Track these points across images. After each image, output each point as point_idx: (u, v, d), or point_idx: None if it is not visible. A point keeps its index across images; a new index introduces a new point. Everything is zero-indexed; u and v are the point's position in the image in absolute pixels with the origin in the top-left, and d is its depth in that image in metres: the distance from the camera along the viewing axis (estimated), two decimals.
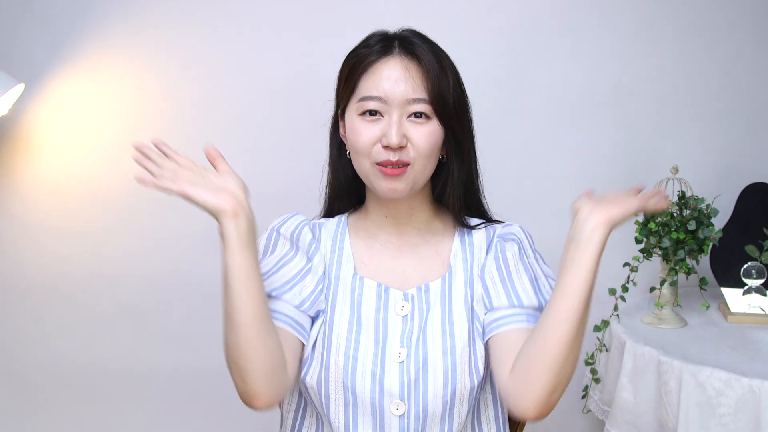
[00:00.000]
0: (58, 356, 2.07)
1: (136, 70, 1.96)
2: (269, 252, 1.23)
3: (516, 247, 1.22)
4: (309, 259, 1.21)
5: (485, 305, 1.19)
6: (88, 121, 1.98)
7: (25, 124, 1.96)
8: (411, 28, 1.21)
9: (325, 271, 1.22)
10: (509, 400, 1.12)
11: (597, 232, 1.05)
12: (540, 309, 1.17)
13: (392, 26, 1.22)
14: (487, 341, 1.17)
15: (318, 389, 1.17)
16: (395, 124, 1.13)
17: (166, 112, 1.99)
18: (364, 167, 1.17)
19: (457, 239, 1.25)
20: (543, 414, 1.09)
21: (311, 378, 1.18)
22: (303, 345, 1.18)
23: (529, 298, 1.18)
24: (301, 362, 1.18)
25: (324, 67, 1.93)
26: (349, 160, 1.21)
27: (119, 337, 2.08)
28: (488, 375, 1.22)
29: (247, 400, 1.10)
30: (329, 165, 1.28)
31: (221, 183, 1.07)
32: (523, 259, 1.22)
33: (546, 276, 1.23)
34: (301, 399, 1.26)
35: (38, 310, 2.05)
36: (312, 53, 1.97)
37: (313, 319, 1.20)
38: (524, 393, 1.08)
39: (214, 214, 1.04)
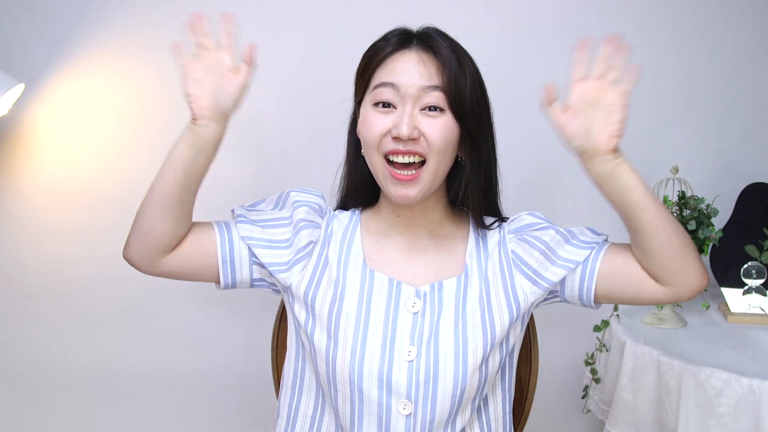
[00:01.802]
0: (58, 356, 2.07)
1: (136, 70, 1.96)
2: (277, 207, 1.24)
3: (552, 232, 1.22)
4: (294, 234, 1.21)
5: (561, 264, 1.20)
6: (88, 121, 1.98)
7: (25, 124, 1.96)
8: (433, 26, 1.19)
9: (319, 254, 1.22)
10: (672, 296, 1.16)
11: (610, 156, 1.11)
12: (605, 242, 1.21)
13: (393, 25, 1.21)
14: (597, 286, 1.19)
15: (328, 383, 1.17)
16: (407, 114, 1.11)
17: (166, 112, 1.98)
18: (375, 163, 1.16)
19: (472, 240, 1.24)
20: (706, 278, 1.16)
21: (322, 371, 1.17)
22: (219, 274, 1.21)
23: (597, 236, 1.22)
24: (201, 269, 1.20)
25: (329, 69, 1.95)
26: (365, 160, 1.20)
27: (119, 337, 2.08)
28: (498, 372, 1.22)
29: (126, 244, 1.19)
30: (345, 164, 1.27)
31: (220, 88, 1.12)
32: (560, 231, 1.22)
33: (575, 228, 1.25)
34: (294, 392, 1.25)
35: (38, 310, 2.05)
36: (315, 54, 1.97)
37: (254, 282, 1.23)
38: (682, 280, 1.13)
39: (189, 107, 1.12)
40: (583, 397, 1.93)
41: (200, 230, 1.20)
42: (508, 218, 1.28)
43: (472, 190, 1.20)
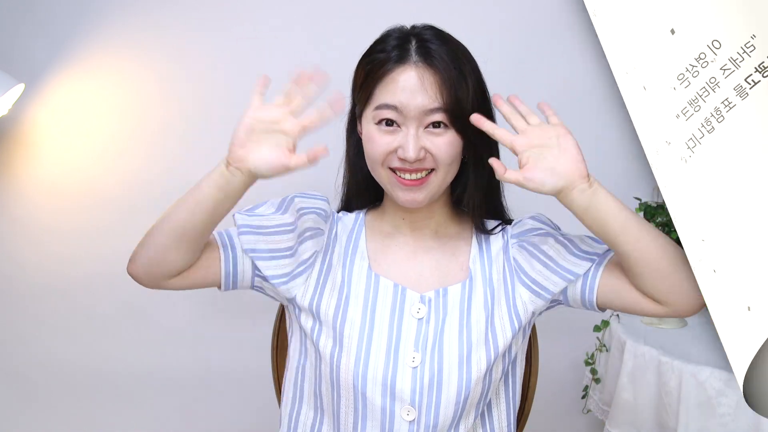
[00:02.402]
0: (58, 356, 2.07)
1: (135, 70, 1.96)
2: (279, 211, 1.21)
3: (551, 240, 1.21)
4: (298, 243, 1.19)
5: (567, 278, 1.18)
6: (88, 121, 1.98)
7: (25, 124, 1.96)
8: (429, 24, 1.19)
9: (322, 261, 1.21)
10: (672, 313, 1.13)
11: (585, 185, 1.09)
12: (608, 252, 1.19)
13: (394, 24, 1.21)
14: (598, 299, 1.18)
15: (331, 388, 1.17)
16: (412, 137, 1.11)
17: (166, 112, 1.99)
18: (380, 176, 1.16)
19: (475, 244, 1.24)
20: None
21: (326, 376, 1.17)
22: (220, 285, 1.19)
23: (599, 245, 1.20)
24: (204, 285, 1.19)
25: (330, 65, 1.94)
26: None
27: (119, 337, 2.08)
28: (501, 380, 1.22)
29: (130, 258, 1.14)
30: (346, 163, 1.26)
31: (265, 153, 1.06)
32: (559, 239, 1.21)
33: (576, 236, 1.23)
34: (294, 402, 1.25)
35: (38, 310, 2.05)
36: (315, 53, 1.97)
37: (254, 287, 1.21)
38: (679, 298, 1.10)
39: (229, 148, 1.06)
40: (583, 397, 1.93)
41: (205, 251, 1.16)
42: (512, 221, 1.28)
43: (474, 192, 1.20)
